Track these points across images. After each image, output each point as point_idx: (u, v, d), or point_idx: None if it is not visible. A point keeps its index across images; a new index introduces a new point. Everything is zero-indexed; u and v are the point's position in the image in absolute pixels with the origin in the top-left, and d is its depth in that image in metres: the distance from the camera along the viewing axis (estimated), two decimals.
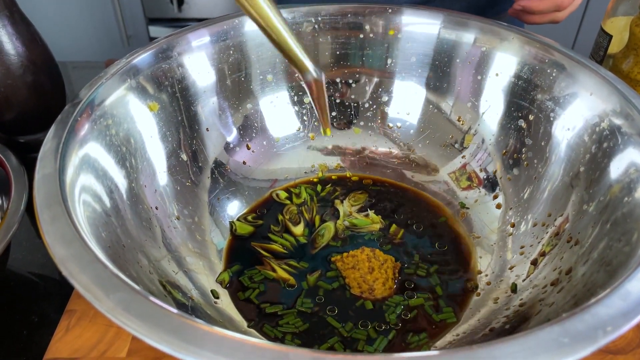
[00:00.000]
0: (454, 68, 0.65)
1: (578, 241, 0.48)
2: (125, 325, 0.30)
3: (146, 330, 0.30)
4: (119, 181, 0.49)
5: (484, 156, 0.63)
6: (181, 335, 0.29)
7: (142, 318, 0.30)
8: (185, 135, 0.59)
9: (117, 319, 0.30)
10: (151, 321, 0.30)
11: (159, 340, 0.29)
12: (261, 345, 0.28)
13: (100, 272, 0.33)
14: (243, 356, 0.28)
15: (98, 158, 0.47)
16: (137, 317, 0.30)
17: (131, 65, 0.54)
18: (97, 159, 0.47)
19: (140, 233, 0.48)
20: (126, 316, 0.31)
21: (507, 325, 0.47)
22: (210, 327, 0.30)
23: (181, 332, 0.30)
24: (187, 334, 0.29)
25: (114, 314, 0.31)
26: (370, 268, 0.55)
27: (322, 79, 0.47)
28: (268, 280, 0.55)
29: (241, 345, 0.28)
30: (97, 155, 0.47)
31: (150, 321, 0.30)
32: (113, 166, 0.48)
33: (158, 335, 0.29)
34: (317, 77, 0.47)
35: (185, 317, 0.30)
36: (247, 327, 0.51)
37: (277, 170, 0.68)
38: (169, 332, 0.30)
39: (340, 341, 0.50)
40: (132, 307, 0.31)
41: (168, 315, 0.31)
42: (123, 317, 0.30)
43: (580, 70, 0.55)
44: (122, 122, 0.52)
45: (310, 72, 0.47)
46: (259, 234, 0.61)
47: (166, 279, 0.48)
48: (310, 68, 0.46)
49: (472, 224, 0.62)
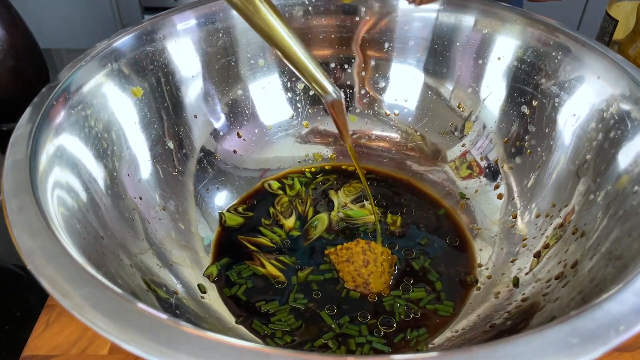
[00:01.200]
0: (453, 52, 0.62)
1: (584, 233, 0.45)
2: (92, 324, 0.27)
3: (115, 329, 0.27)
4: (97, 174, 0.46)
5: (485, 143, 0.60)
6: (153, 335, 0.27)
7: (111, 316, 0.28)
8: (171, 123, 0.56)
9: (83, 317, 0.28)
10: (121, 320, 0.28)
11: (128, 340, 0.27)
12: (240, 345, 0.26)
13: (68, 266, 0.31)
14: (220, 358, 0.25)
15: (74, 151, 0.44)
16: (106, 315, 0.28)
17: (112, 49, 0.51)
18: (73, 152, 0.44)
19: (121, 227, 0.45)
20: (93, 314, 0.28)
21: (509, 321, 0.44)
22: (186, 326, 0.27)
23: (153, 332, 0.27)
24: (160, 334, 0.27)
25: (80, 311, 0.28)
26: (365, 261, 0.52)
27: (341, 99, 0.48)
28: (257, 277, 0.53)
29: (218, 346, 0.26)
30: (73, 147, 0.44)
31: (120, 320, 0.28)
32: (91, 159, 0.45)
33: (127, 335, 0.27)
34: (337, 98, 0.47)
35: (159, 315, 0.28)
36: (236, 323, 0.49)
37: (269, 160, 0.65)
38: (140, 332, 0.27)
39: (334, 337, 0.48)
40: (101, 305, 0.28)
41: (140, 313, 0.28)
42: (90, 315, 0.28)
43: (586, 52, 0.52)
44: (102, 112, 0.48)
45: (330, 94, 0.47)
46: (249, 226, 0.58)
47: (149, 275, 0.45)
48: (330, 90, 0.46)
49: (473, 215, 0.59)
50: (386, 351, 0.46)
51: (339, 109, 0.48)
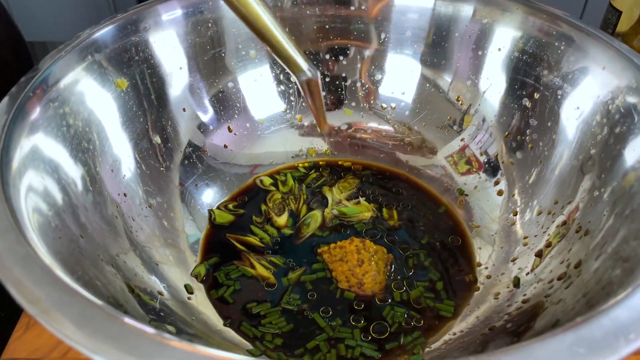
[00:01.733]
0: (452, 43, 0.59)
1: (588, 231, 0.43)
2: (56, 331, 0.25)
3: (83, 338, 0.25)
4: (75, 173, 0.43)
5: (485, 137, 0.58)
6: (123, 344, 0.25)
7: (78, 323, 0.26)
8: (157, 116, 0.54)
9: (49, 323, 0.26)
10: (89, 327, 0.25)
11: (95, 350, 0.24)
12: (213, 356, 0.24)
13: (36, 269, 0.29)
14: None
15: (51, 151, 0.41)
16: (73, 321, 0.26)
17: (92, 40, 0.48)
18: (49, 152, 0.41)
19: (102, 227, 0.43)
20: (59, 320, 0.26)
21: (509, 324, 0.42)
22: (158, 334, 0.25)
23: (123, 341, 0.25)
24: (130, 343, 0.25)
25: (47, 318, 0.26)
26: (359, 260, 0.50)
27: (317, 78, 0.44)
28: (246, 278, 0.51)
29: (190, 356, 0.24)
30: (49, 148, 0.41)
31: (88, 326, 0.25)
32: (68, 159, 0.43)
33: (95, 345, 0.25)
34: (312, 77, 0.44)
35: (131, 323, 0.26)
36: (223, 325, 0.47)
37: (261, 155, 0.63)
38: (109, 341, 0.25)
39: (327, 340, 0.46)
40: (69, 310, 0.26)
41: (110, 320, 0.26)
42: (56, 322, 0.26)
43: (590, 42, 0.50)
44: (81, 109, 0.46)
45: (304, 72, 0.44)
46: (240, 224, 0.56)
47: (132, 276, 0.43)
48: (304, 67, 0.43)
49: (472, 212, 0.57)
50: (376, 357, 0.44)
51: (314, 89, 0.45)
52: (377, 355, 0.44)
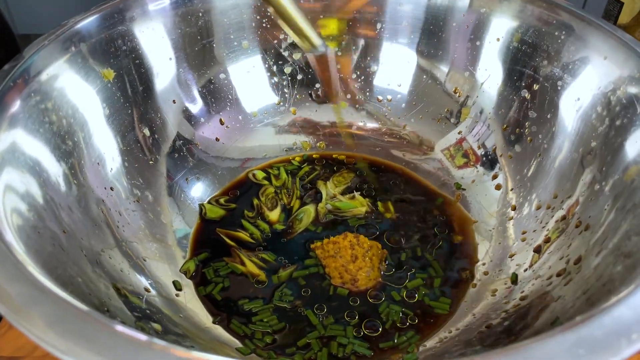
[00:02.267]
0: (449, 33, 0.58)
1: (589, 226, 0.42)
2: (26, 331, 0.24)
3: (53, 337, 0.24)
4: (56, 168, 0.41)
5: (482, 130, 0.56)
6: (96, 345, 0.23)
7: (49, 322, 0.24)
8: (145, 109, 0.53)
9: (18, 323, 0.24)
10: (61, 326, 0.24)
11: (67, 351, 0.23)
12: (190, 357, 0.22)
13: (7, 264, 0.27)
14: None
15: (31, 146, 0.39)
16: (44, 320, 0.24)
17: (76, 30, 0.46)
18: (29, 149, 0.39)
19: (85, 223, 0.41)
20: (30, 319, 0.24)
21: (507, 321, 0.41)
22: (134, 335, 0.24)
23: (97, 342, 0.23)
24: (104, 344, 0.23)
25: (15, 316, 0.25)
26: (353, 256, 0.49)
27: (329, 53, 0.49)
28: (235, 275, 0.49)
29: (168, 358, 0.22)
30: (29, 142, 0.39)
31: (60, 326, 0.24)
32: (50, 155, 0.41)
33: (67, 346, 0.23)
34: (324, 52, 0.48)
35: (106, 322, 0.24)
36: (213, 322, 0.45)
37: (254, 148, 0.61)
38: (81, 341, 0.23)
39: (319, 338, 0.44)
40: (40, 309, 0.25)
41: (83, 320, 0.24)
42: (26, 322, 0.24)
43: (591, 31, 0.48)
44: (63, 103, 0.44)
45: (317, 48, 0.46)
46: (231, 218, 0.55)
47: (117, 274, 0.41)
48: (318, 44, 0.46)
49: (469, 206, 0.55)
50: (368, 355, 0.43)
51: (326, 64, 0.49)
52: (369, 354, 0.43)
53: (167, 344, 0.23)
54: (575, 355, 0.23)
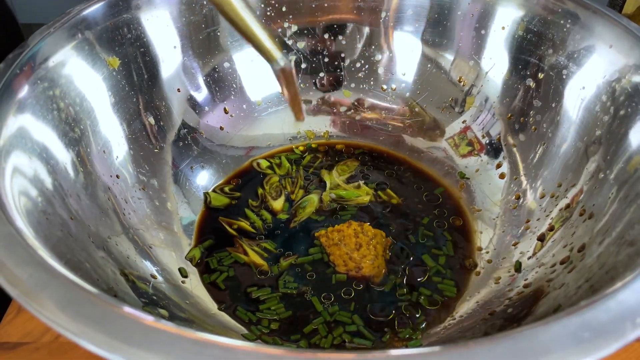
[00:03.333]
0: (454, 21, 0.58)
1: (593, 215, 0.42)
2: (38, 314, 0.24)
3: (64, 319, 0.24)
4: (64, 156, 0.41)
5: (487, 119, 0.56)
6: (107, 327, 0.24)
7: (61, 305, 0.25)
8: (150, 97, 0.53)
9: (30, 305, 0.25)
10: (73, 309, 0.24)
11: (78, 333, 0.23)
12: (200, 339, 0.23)
13: (18, 248, 0.28)
14: (179, 354, 0.22)
15: (39, 133, 0.40)
16: (55, 303, 0.25)
17: (82, 17, 0.46)
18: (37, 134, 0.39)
19: (92, 210, 0.42)
20: (41, 302, 0.25)
21: (510, 309, 0.41)
22: (144, 317, 0.24)
23: (108, 323, 0.24)
24: (115, 326, 0.24)
25: (27, 299, 0.25)
26: (357, 244, 0.49)
27: (290, 67, 0.45)
28: (239, 264, 0.49)
29: (176, 340, 0.23)
30: (37, 129, 0.40)
31: (71, 309, 0.24)
32: (57, 141, 0.41)
33: (78, 328, 0.24)
34: (285, 66, 0.44)
35: (116, 305, 0.25)
36: (218, 309, 0.46)
37: (258, 137, 0.62)
38: (92, 323, 0.24)
39: (325, 323, 0.45)
40: (51, 292, 0.25)
41: (94, 302, 0.25)
42: (38, 304, 0.25)
43: (597, 19, 0.48)
44: (71, 89, 0.44)
45: (277, 62, 0.44)
46: (235, 207, 0.55)
47: (124, 261, 0.42)
48: (277, 57, 0.43)
49: (473, 195, 0.56)
50: (371, 339, 0.43)
51: (289, 78, 0.45)
52: (371, 340, 0.43)
53: (175, 325, 0.23)
54: (580, 339, 0.23)
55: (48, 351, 0.44)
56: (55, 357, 0.43)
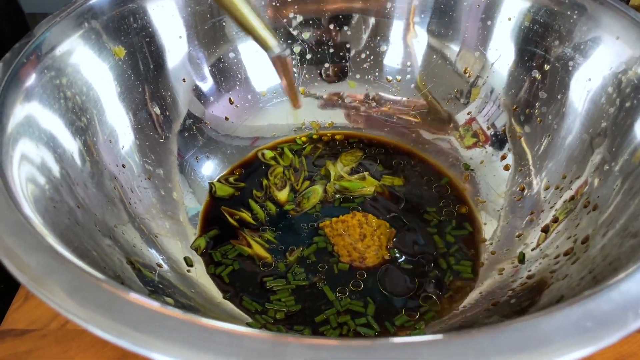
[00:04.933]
0: (460, 11, 0.57)
1: (597, 206, 0.42)
2: (47, 299, 0.25)
3: (73, 305, 0.24)
4: (72, 144, 0.42)
5: (492, 111, 0.56)
6: (116, 313, 0.24)
7: (69, 291, 0.25)
8: (156, 87, 0.53)
9: (39, 291, 0.25)
10: (81, 295, 0.25)
11: (87, 319, 0.24)
12: (209, 326, 0.23)
13: (26, 235, 0.28)
14: (186, 340, 0.23)
15: (46, 121, 0.40)
16: (64, 289, 0.25)
17: (88, 7, 0.46)
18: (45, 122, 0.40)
19: (99, 198, 0.42)
20: (50, 288, 0.25)
21: (513, 299, 0.42)
22: (153, 304, 0.24)
23: (116, 310, 0.24)
24: (124, 312, 0.24)
25: (35, 285, 0.25)
26: (361, 235, 0.49)
27: (285, 55, 0.46)
28: (243, 257, 0.50)
29: (185, 326, 0.23)
30: (45, 118, 0.40)
31: (79, 295, 0.25)
32: (65, 130, 0.41)
33: (87, 314, 0.24)
34: (280, 54, 0.45)
35: (124, 291, 0.25)
36: (223, 298, 0.46)
37: (263, 127, 0.62)
38: (101, 310, 0.24)
39: (336, 314, 0.45)
40: (60, 278, 0.26)
41: (102, 289, 0.25)
42: (46, 290, 0.25)
43: (604, 11, 0.48)
44: (77, 79, 0.44)
45: (273, 50, 0.45)
46: (240, 197, 0.55)
47: (130, 248, 0.42)
48: (273, 45, 0.45)
49: (477, 187, 0.56)
50: (376, 329, 0.44)
51: (284, 66, 0.47)
52: (374, 331, 0.44)
53: (182, 311, 0.24)
54: (583, 329, 0.23)
55: (55, 338, 0.44)
56: (62, 344, 0.44)
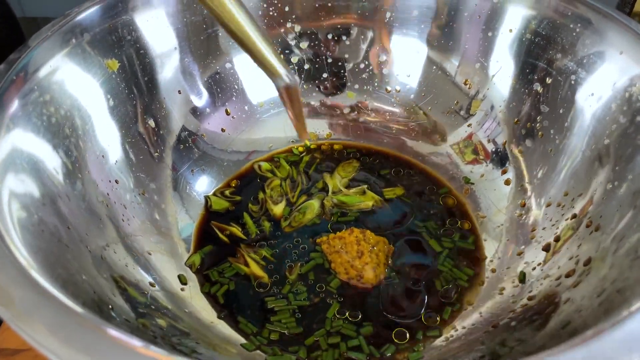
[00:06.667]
0: (460, 23, 0.56)
1: (599, 227, 0.41)
2: (29, 338, 0.24)
3: (55, 344, 0.23)
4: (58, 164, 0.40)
5: (493, 125, 0.55)
6: (98, 354, 0.23)
7: (52, 329, 0.24)
8: (150, 100, 0.52)
9: (21, 329, 0.24)
10: (64, 333, 0.24)
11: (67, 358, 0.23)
12: None
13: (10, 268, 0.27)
14: None
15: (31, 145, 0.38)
16: (47, 327, 0.24)
17: (77, 22, 0.45)
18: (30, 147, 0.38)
19: (88, 218, 0.41)
20: (32, 325, 0.24)
21: (514, 322, 0.41)
22: (135, 344, 0.23)
23: (99, 351, 0.23)
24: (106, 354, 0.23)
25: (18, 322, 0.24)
26: (359, 252, 0.48)
27: (296, 85, 0.42)
28: (239, 276, 0.48)
29: None
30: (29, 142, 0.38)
31: (62, 333, 0.24)
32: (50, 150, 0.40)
33: (69, 354, 0.23)
34: (290, 83, 0.41)
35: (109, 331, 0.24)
36: (217, 318, 0.45)
37: (260, 140, 0.61)
38: (84, 350, 0.23)
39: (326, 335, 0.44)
40: (43, 314, 0.25)
41: (87, 327, 0.24)
42: (29, 327, 0.24)
43: (608, 24, 0.47)
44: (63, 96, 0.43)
45: (282, 78, 0.41)
46: (236, 211, 0.54)
47: (120, 269, 0.41)
48: (282, 73, 0.40)
49: (478, 201, 0.55)
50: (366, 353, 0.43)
51: (293, 96, 0.42)
52: (366, 355, 0.43)
53: (165, 352, 0.23)
54: None
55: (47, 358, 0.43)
56: None
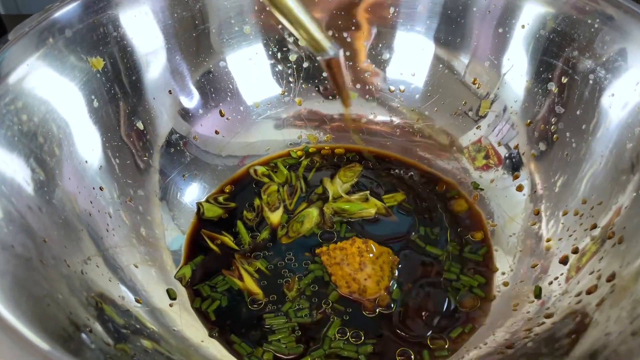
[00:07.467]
0: (470, 18, 0.53)
1: (623, 239, 0.38)
2: None
3: None
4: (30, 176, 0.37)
5: (505, 127, 0.52)
6: None
7: None
8: (137, 101, 0.49)
9: None
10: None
11: None
12: None
13: None
14: None
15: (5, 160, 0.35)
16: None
17: (54, 20, 0.41)
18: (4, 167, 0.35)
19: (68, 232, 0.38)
20: None
21: (530, 342, 0.37)
22: None
23: None
24: None
25: None
26: (361, 264, 0.45)
27: (339, 56, 0.45)
28: (232, 291, 0.45)
29: None
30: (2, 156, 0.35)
31: None
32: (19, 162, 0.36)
33: None
34: (334, 55, 0.45)
35: None
36: (209, 336, 0.42)
37: (256, 143, 0.57)
38: None
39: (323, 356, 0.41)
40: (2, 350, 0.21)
41: None
42: None
43: (630, 20, 0.43)
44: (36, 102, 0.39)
45: (327, 52, 0.44)
46: (230, 218, 0.51)
47: (104, 283, 0.38)
48: (327, 47, 0.44)
49: (488, 208, 0.51)
50: None
51: (337, 68, 0.46)
52: None
53: None
54: None
55: None
56: None
